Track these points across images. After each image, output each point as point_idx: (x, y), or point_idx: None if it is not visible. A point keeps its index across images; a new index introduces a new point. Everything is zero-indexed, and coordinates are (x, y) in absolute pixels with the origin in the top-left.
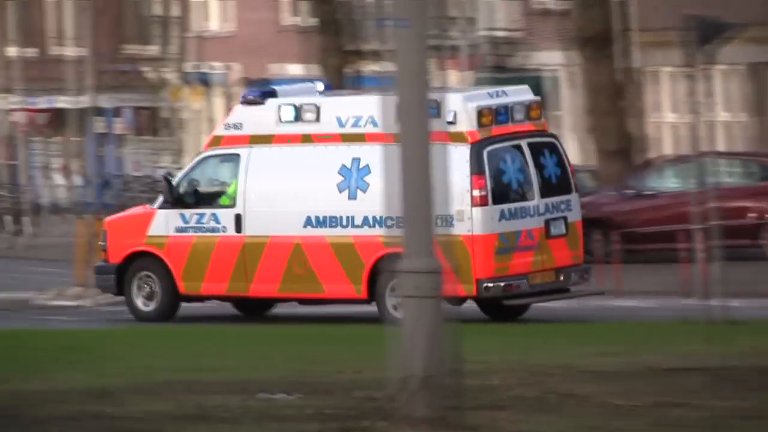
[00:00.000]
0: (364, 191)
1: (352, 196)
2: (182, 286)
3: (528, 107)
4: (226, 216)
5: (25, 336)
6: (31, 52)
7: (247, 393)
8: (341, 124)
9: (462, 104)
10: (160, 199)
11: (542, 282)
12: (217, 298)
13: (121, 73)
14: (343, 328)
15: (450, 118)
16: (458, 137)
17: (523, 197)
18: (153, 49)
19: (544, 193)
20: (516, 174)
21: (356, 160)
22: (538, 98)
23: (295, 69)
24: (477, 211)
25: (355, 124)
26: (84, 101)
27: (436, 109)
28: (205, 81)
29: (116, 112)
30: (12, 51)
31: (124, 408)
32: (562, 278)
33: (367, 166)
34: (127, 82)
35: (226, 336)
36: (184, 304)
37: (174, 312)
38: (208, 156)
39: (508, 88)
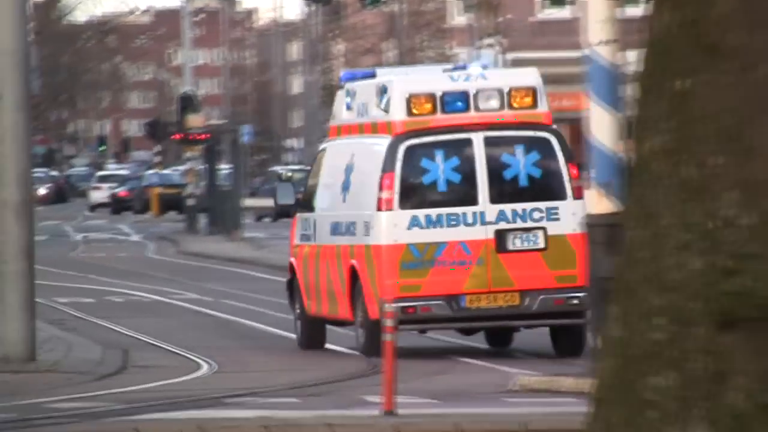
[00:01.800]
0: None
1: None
2: (306, 305)
3: (508, 94)
4: None
5: None
6: None
7: None
8: None
9: (396, 88)
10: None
11: (492, 306)
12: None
13: None
14: None
15: (383, 106)
16: (388, 128)
17: (458, 202)
18: None
19: (501, 198)
20: (449, 174)
21: None
22: (530, 84)
23: None
24: (379, 216)
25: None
26: None
27: (381, 95)
28: None
29: None
30: None
31: None
32: (527, 302)
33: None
34: None
35: None
36: None
37: (317, 339)
38: None
39: (493, 70)
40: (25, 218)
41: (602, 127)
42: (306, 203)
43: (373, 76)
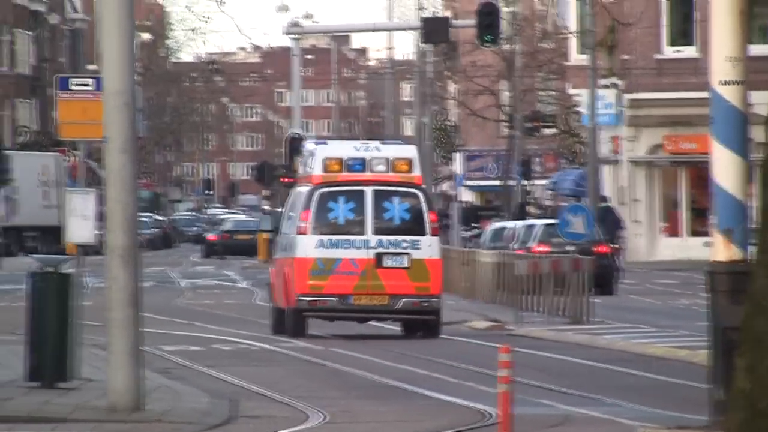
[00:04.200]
0: None
1: None
2: (275, 299)
3: (392, 162)
4: None
5: None
6: None
7: None
8: None
9: (318, 154)
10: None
11: (370, 303)
12: None
13: None
14: None
15: (309, 165)
16: (309, 180)
17: (351, 232)
18: None
19: (381, 231)
20: (346, 213)
21: None
22: (407, 156)
23: None
24: (298, 239)
25: None
26: None
27: (311, 157)
28: None
29: None
30: None
31: None
32: (392, 303)
33: None
34: None
35: None
36: None
37: (282, 327)
38: None
39: (385, 145)
40: (131, 264)
41: (726, 171)
42: (278, 230)
43: (325, 144)
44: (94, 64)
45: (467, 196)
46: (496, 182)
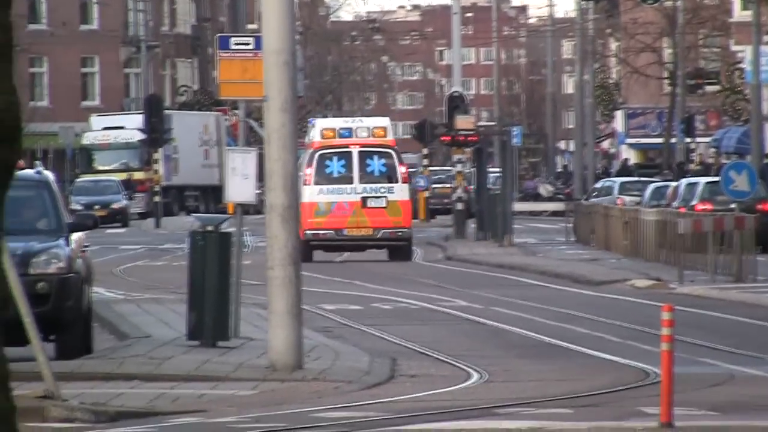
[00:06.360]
0: None
1: None
2: None
3: (372, 129)
4: None
5: None
6: None
7: None
8: None
9: (317, 126)
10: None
11: (359, 234)
12: None
13: None
14: None
15: (311, 135)
16: (311, 146)
17: (343, 182)
18: None
19: (365, 181)
20: (339, 168)
21: None
22: (383, 125)
23: None
24: (304, 188)
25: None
26: None
27: (312, 129)
28: None
29: None
30: None
31: None
32: (375, 234)
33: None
34: None
35: None
36: None
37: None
38: None
39: (367, 118)
40: (291, 223)
41: None
42: None
43: (323, 118)
44: (254, 24)
45: (628, 155)
46: (659, 140)
